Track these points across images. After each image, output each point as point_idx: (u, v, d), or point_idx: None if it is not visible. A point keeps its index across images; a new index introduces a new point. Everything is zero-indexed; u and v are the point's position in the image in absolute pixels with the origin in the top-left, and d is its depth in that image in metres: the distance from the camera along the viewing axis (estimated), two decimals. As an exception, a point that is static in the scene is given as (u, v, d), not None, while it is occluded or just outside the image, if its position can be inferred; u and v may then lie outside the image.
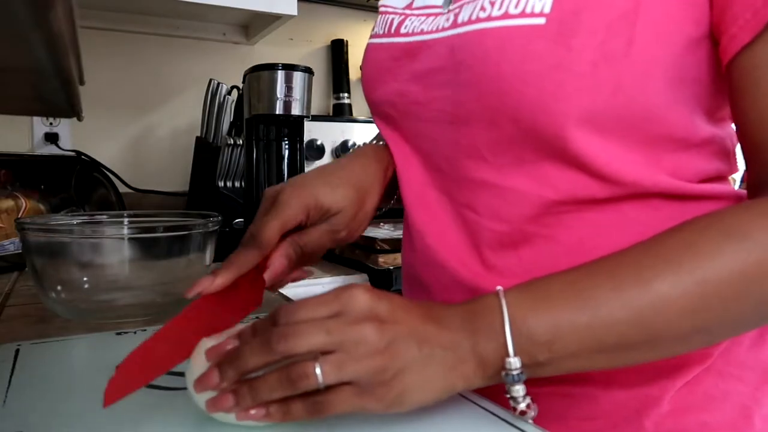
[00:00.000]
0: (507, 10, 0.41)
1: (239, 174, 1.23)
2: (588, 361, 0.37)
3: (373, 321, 0.35)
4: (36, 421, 0.38)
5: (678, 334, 0.36)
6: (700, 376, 0.45)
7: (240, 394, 0.35)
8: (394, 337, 0.34)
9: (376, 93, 0.54)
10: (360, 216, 0.51)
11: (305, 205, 0.48)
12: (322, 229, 0.49)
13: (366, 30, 1.65)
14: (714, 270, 0.35)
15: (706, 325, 0.36)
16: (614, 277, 0.37)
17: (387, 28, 0.53)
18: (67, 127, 1.30)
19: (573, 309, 0.36)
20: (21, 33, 0.20)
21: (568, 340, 0.36)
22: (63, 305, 0.63)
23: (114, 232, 0.65)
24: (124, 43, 1.34)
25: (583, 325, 0.36)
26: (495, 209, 0.47)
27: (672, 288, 0.35)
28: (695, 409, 0.45)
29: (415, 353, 0.35)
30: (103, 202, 1.23)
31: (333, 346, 0.34)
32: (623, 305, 0.35)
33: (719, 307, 0.35)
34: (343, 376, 0.34)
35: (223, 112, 1.25)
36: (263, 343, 0.34)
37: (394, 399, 0.35)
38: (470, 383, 0.37)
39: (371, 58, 0.54)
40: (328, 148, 1.46)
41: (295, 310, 0.35)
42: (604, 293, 0.36)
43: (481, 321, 0.37)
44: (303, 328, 0.34)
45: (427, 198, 0.52)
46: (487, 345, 0.36)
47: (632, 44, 0.39)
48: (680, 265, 0.35)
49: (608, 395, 0.46)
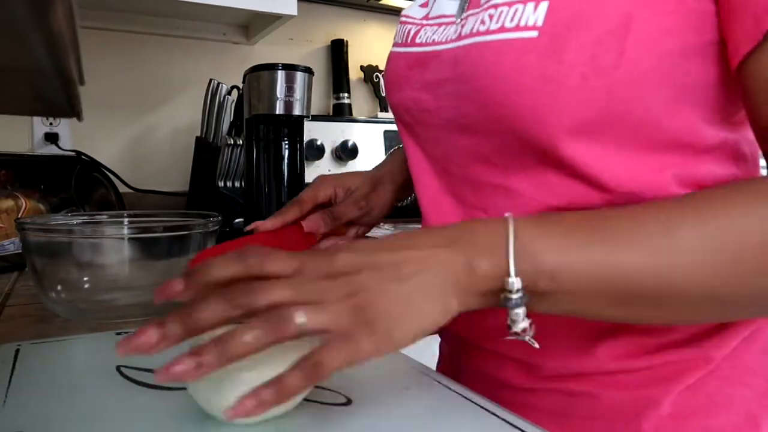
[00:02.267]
0: (503, 23, 0.42)
1: (239, 174, 1.23)
2: (588, 304, 0.36)
3: (336, 276, 0.33)
4: (36, 421, 0.38)
5: (686, 292, 0.35)
6: (703, 380, 0.45)
7: (204, 354, 0.30)
8: (363, 282, 0.33)
9: (394, 99, 0.56)
10: (375, 195, 0.66)
11: (333, 184, 0.65)
12: (346, 202, 0.65)
13: (366, 30, 1.65)
14: (740, 234, 0.34)
15: (717, 290, 0.34)
16: (636, 219, 0.35)
17: (405, 37, 0.55)
18: (67, 127, 1.30)
19: (586, 243, 0.34)
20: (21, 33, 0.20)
21: (575, 274, 0.34)
22: (63, 305, 0.63)
23: (114, 232, 0.65)
24: (124, 43, 1.34)
25: (594, 261, 0.34)
26: (503, 211, 0.47)
27: (695, 240, 0.34)
28: (697, 413, 0.45)
29: (393, 287, 0.33)
30: (103, 202, 1.23)
31: (300, 298, 0.32)
32: (640, 248, 0.34)
33: (735, 275, 0.34)
34: (322, 321, 0.31)
35: (223, 112, 1.25)
36: (220, 295, 0.31)
37: (383, 336, 0.32)
38: (467, 303, 0.35)
39: (391, 66, 0.57)
40: (328, 148, 1.46)
41: (261, 258, 0.33)
42: (623, 234, 0.35)
43: (481, 236, 0.35)
44: (266, 283, 0.32)
45: (442, 203, 0.53)
46: (484, 262, 0.34)
47: (623, 56, 0.39)
48: (708, 220, 0.34)
49: (609, 395, 0.46)
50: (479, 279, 0.34)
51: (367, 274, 0.34)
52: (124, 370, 0.47)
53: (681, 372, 0.45)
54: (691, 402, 0.45)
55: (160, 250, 0.62)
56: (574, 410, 0.47)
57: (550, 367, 0.48)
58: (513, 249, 0.34)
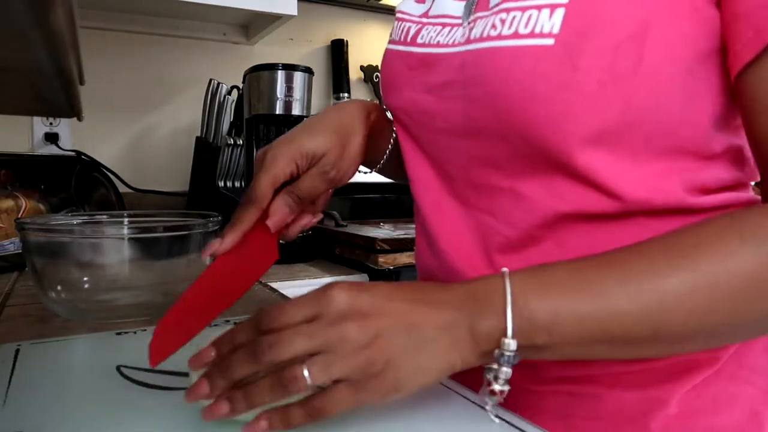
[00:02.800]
0: (517, 29, 0.41)
1: (239, 174, 1.23)
2: (588, 349, 0.37)
3: (353, 318, 0.35)
4: (36, 421, 0.38)
5: (683, 333, 0.36)
6: (709, 379, 0.45)
7: (234, 399, 0.35)
8: (378, 330, 0.34)
9: (392, 99, 0.55)
10: (346, 155, 0.52)
11: (291, 156, 0.50)
12: (312, 173, 0.51)
13: (366, 30, 1.65)
14: (728, 273, 0.35)
15: (713, 327, 0.36)
16: (624, 268, 0.36)
17: (404, 36, 0.53)
18: (67, 127, 1.30)
19: (578, 296, 0.36)
20: (21, 33, 0.20)
21: (569, 327, 0.35)
22: (63, 305, 0.63)
23: (114, 232, 0.65)
24: (124, 43, 1.34)
25: (587, 313, 0.35)
26: (509, 214, 0.47)
27: (682, 285, 0.35)
28: (703, 412, 0.45)
29: (404, 341, 0.35)
30: (103, 202, 1.23)
31: (317, 348, 0.34)
32: (630, 298, 0.35)
33: (729, 311, 0.35)
34: (332, 375, 0.34)
35: (223, 112, 1.26)
36: (249, 353, 0.35)
37: (389, 388, 0.35)
38: (468, 362, 0.36)
39: (388, 65, 0.55)
40: (328, 148, 1.46)
41: (276, 315, 0.36)
42: (612, 284, 0.36)
43: (482, 300, 0.36)
44: (286, 335, 0.34)
45: (443, 205, 0.52)
46: (485, 323, 0.36)
47: (641, 63, 0.39)
48: (693, 263, 0.35)
49: (613, 395, 0.46)
50: (480, 340, 0.36)
51: (382, 322, 0.35)
52: (124, 370, 0.47)
53: (687, 372, 0.45)
54: (697, 401, 0.45)
55: (160, 250, 0.62)
56: (579, 411, 0.47)
57: (555, 368, 0.48)
58: (511, 310, 0.35)
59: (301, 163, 0.50)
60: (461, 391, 0.44)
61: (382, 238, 1.08)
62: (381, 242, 1.07)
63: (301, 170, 0.51)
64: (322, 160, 0.51)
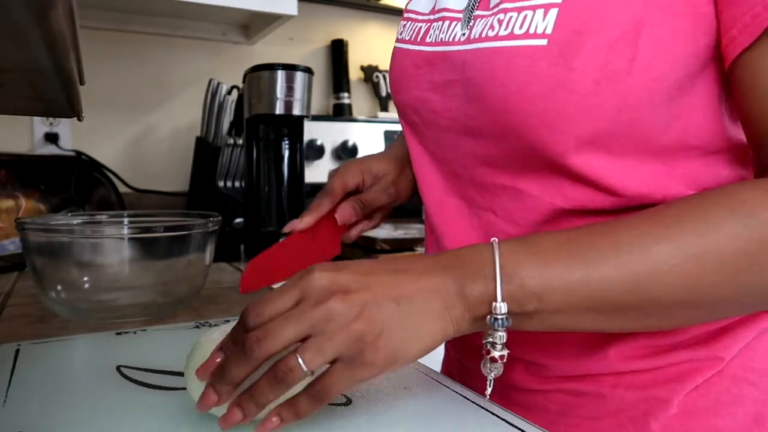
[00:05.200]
0: (512, 30, 0.42)
1: (239, 174, 1.23)
2: (576, 319, 0.37)
3: (337, 295, 0.34)
4: (36, 421, 0.38)
5: (670, 303, 0.36)
6: (712, 380, 0.45)
7: (244, 405, 0.35)
8: (364, 302, 0.34)
9: (401, 98, 0.55)
10: (403, 178, 0.66)
11: (360, 170, 0.64)
12: (375, 188, 0.65)
13: (366, 30, 1.65)
14: (716, 245, 0.35)
15: (700, 298, 0.36)
16: (614, 238, 0.36)
17: (414, 35, 0.54)
18: (67, 127, 1.30)
19: (567, 264, 0.36)
20: (21, 33, 0.20)
21: (559, 293, 0.36)
22: (63, 305, 0.63)
23: (114, 232, 0.65)
24: (124, 43, 1.34)
25: (576, 280, 0.36)
26: (511, 212, 0.47)
27: (671, 256, 0.35)
28: (706, 413, 0.45)
29: (392, 309, 0.35)
30: (103, 202, 1.23)
31: (306, 332, 0.34)
32: (619, 267, 0.35)
33: (715, 283, 0.35)
34: (326, 356, 0.34)
35: (223, 112, 1.25)
36: (240, 353, 0.35)
37: (386, 359, 0.34)
38: (460, 327, 0.37)
39: (397, 64, 0.55)
40: (328, 148, 1.46)
41: (260, 310, 0.36)
42: (602, 252, 0.36)
43: (470, 265, 0.37)
44: (272, 326, 0.34)
45: (447, 204, 0.53)
46: (474, 287, 0.36)
47: (635, 62, 0.39)
48: (682, 235, 0.35)
49: (615, 395, 0.46)
50: (470, 304, 0.36)
51: (367, 295, 0.35)
52: (124, 370, 0.47)
53: (690, 372, 0.45)
54: (700, 402, 0.45)
55: (160, 250, 0.62)
56: (581, 410, 0.47)
57: (558, 367, 0.48)
58: (500, 274, 0.36)
59: (367, 178, 0.64)
60: (462, 392, 0.44)
61: (383, 238, 1.08)
62: (381, 242, 1.07)
63: (366, 185, 0.64)
64: (383, 179, 0.65)
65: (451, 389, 0.44)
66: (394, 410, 0.40)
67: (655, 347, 0.45)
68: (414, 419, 0.39)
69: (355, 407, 0.40)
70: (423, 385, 0.45)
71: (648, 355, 0.46)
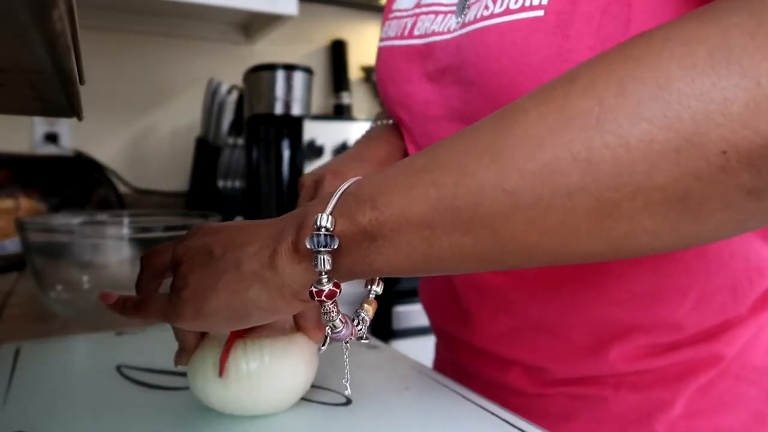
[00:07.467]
0: (508, 5, 0.41)
1: (239, 174, 1.23)
2: (436, 236, 0.29)
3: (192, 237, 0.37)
4: (36, 421, 0.38)
5: (515, 216, 0.27)
6: (714, 380, 0.45)
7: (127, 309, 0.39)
8: (191, 244, 0.36)
9: (388, 94, 0.54)
10: None
11: (335, 185, 0.51)
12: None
13: (366, 30, 1.65)
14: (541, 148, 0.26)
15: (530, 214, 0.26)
16: (454, 146, 0.30)
17: (401, 30, 0.53)
18: (67, 127, 1.30)
19: (405, 171, 0.31)
20: (21, 33, 0.20)
21: (398, 194, 0.29)
22: (63, 305, 0.63)
23: (114, 232, 0.65)
24: (124, 43, 1.34)
25: (416, 169, 0.30)
26: None
27: (499, 174, 0.27)
28: (709, 412, 0.45)
29: (207, 258, 0.34)
30: (103, 202, 1.23)
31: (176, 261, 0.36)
32: (457, 168, 0.28)
33: (541, 205, 0.26)
34: (188, 280, 0.35)
35: (223, 112, 1.26)
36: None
37: (194, 308, 0.34)
38: (280, 266, 0.32)
39: (384, 60, 0.54)
40: (328, 148, 1.46)
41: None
42: (440, 157, 0.29)
43: (313, 205, 0.33)
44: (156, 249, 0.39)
45: None
46: (309, 217, 0.31)
47: (629, 25, 0.38)
48: (505, 134, 0.27)
49: (618, 397, 0.46)
50: (300, 236, 0.31)
51: (193, 252, 0.36)
52: (124, 370, 0.47)
53: (692, 371, 0.45)
54: (702, 402, 0.45)
55: (160, 250, 0.62)
56: (583, 414, 0.47)
57: (558, 370, 0.48)
58: (338, 194, 0.31)
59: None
60: (462, 392, 0.44)
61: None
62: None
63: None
64: None
65: (451, 389, 0.44)
66: (394, 410, 0.40)
67: (655, 347, 0.45)
68: (414, 419, 0.39)
69: (355, 407, 0.40)
70: (423, 385, 0.45)
71: (649, 354, 0.45)
